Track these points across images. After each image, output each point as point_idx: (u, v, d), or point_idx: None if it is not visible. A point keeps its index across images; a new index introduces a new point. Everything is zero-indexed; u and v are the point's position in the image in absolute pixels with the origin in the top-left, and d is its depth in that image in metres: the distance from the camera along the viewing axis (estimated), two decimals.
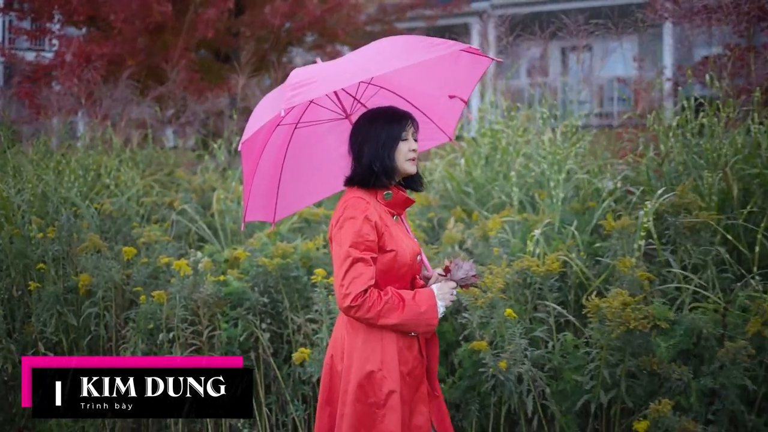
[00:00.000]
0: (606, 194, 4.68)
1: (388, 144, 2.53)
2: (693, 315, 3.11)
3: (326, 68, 2.50)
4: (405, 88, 2.83)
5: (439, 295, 2.51)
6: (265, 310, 4.05)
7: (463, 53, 2.65)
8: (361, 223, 2.44)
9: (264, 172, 2.80)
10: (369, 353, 2.51)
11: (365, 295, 2.39)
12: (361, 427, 2.50)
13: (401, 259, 2.51)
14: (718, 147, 4.50)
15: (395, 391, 2.49)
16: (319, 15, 9.35)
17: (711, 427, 2.88)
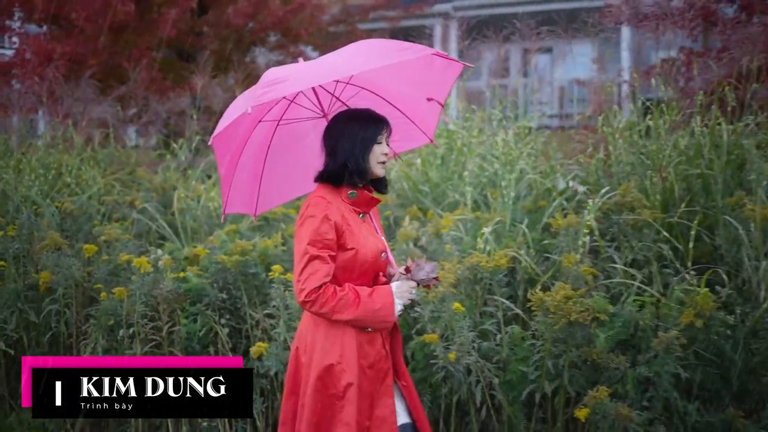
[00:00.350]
0: (556, 194, 4.85)
1: (363, 145, 2.61)
2: (630, 308, 3.28)
3: (300, 68, 2.58)
4: (386, 90, 2.91)
5: (397, 293, 2.59)
6: (224, 306, 4.14)
7: (436, 57, 2.73)
8: (320, 221, 2.52)
9: (245, 167, 2.88)
10: (329, 347, 2.59)
11: (320, 290, 2.47)
12: (320, 417, 2.59)
13: (362, 256, 2.59)
14: (662, 149, 4.70)
15: (353, 383, 2.57)
16: (281, 16, 9.42)
17: (646, 413, 3.04)
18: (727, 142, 4.83)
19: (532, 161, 5.37)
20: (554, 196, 4.79)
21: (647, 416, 3.04)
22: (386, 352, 2.69)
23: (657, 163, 4.76)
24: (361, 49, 2.68)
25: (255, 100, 2.34)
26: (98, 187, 5.41)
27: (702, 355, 3.30)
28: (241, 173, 2.86)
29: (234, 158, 2.79)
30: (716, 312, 3.26)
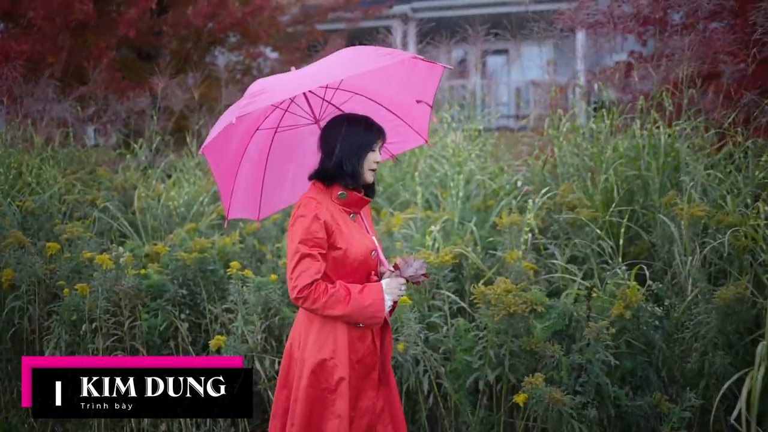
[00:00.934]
0: (503, 194, 5.10)
1: (361, 149, 2.71)
2: (565, 300, 3.52)
3: (286, 77, 2.70)
4: (378, 94, 3.02)
5: (387, 290, 2.69)
6: (184, 301, 4.29)
7: (419, 61, 2.84)
8: (311, 221, 2.62)
9: (247, 173, 3.00)
10: (322, 342, 2.70)
11: (311, 287, 2.58)
12: (313, 410, 2.70)
13: (352, 255, 2.69)
14: (602, 151, 4.97)
15: (345, 378, 2.69)
16: (240, 17, 9.52)
17: (579, 397, 3.28)
18: (664, 145, 5.12)
19: (481, 162, 5.60)
20: (501, 196, 5.02)
21: (580, 400, 3.27)
22: (375, 348, 2.80)
23: (599, 165, 5.04)
24: (347, 55, 2.78)
25: (239, 110, 2.43)
26: (59, 187, 5.50)
27: (633, 344, 3.55)
28: (241, 180, 2.98)
29: (233, 166, 2.91)
30: (645, 304, 3.52)
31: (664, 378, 3.59)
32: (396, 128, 3.03)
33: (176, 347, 4.25)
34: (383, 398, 2.87)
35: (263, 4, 9.65)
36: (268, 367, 3.97)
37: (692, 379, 3.49)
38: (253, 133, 2.91)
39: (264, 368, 3.97)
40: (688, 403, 3.26)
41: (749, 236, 3.62)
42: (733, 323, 3.40)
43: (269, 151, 3.04)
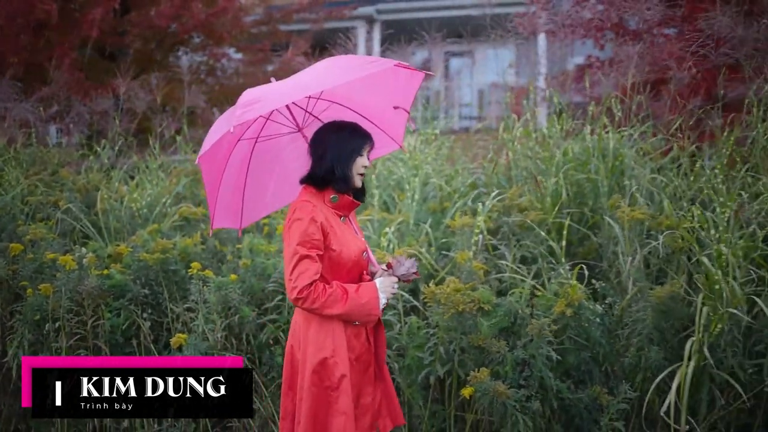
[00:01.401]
0: (458, 196, 5.27)
1: (350, 154, 2.82)
2: (511, 298, 3.71)
3: (273, 88, 2.76)
4: (354, 102, 3.11)
5: (381, 288, 2.79)
6: (146, 301, 4.39)
7: (401, 69, 2.93)
8: (308, 223, 2.69)
9: (229, 184, 3.05)
10: (321, 342, 2.78)
11: (310, 287, 2.65)
12: (318, 408, 2.78)
13: (346, 255, 2.78)
14: (553, 155, 5.18)
15: (346, 375, 2.77)
16: (204, 18, 9.60)
17: (522, 390, 3.47)
18: (612, 149, 5.34)
19: (438, 165, 5.78)
20: (456, 198, 5.20)
21: (524, 393, 3.46)
22: (370, 345, 2.91)
23: (550, 168, 5.24)
24: (331, 65, 2.88)
25: (236, 120, 2.49)
26: (21, 188, 5.55)
27: (576, 340, 3.75)
28: (225, 190, 3.04)
29: (217, 176, 2.97)
30: (587, 302, 3.73)
31: (607, 372, 3.79)
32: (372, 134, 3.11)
33: (138, 345, 4.34)
34: (380, 393, 2.98)
35: (226, 5, 9.74)
36: None
37: (630, 373, 3.70)
38: (235, 144, 2.97)
39: None
40: (624, 395, 3.47)
41: (684, 238, 3.83)
42: (667, 320, 3.61)
43: (249, 160, 3.10)
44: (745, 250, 3.73)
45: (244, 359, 3.96)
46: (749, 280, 3.83)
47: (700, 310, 3.39)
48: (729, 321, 3.48)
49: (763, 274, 3.82)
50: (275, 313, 4.20)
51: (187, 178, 5.50)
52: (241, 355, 4.17)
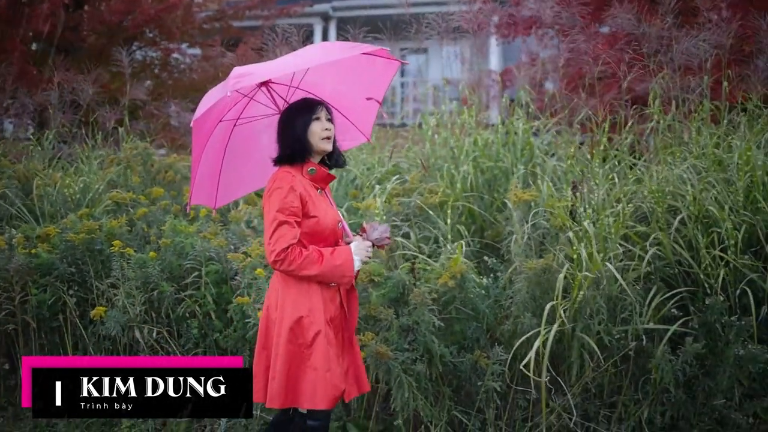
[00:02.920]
0: (375, 182, 5.61)
1: (302, 127, 3.01)
2: (400, 271, 4.05)
3: (262, 66, 3.00)
4: (327, 93, 3.28)
5: (356, 251, 3.00)
6: (73, 278, 4.67)
7: (377, 57, 3.13)
8: (287, 192, 2.89)
9: (208, 162, 3.22)
10: (299, 302, 2.97)
11: (287, 251, 2.86)
12: (291, 364, 2.97)
13: (323, 223, 2.99)
14: (463, 144, 5.55)
15: (321, 330, 2.96)
16: (153, 14, 9.82)
17: (408, 354, 3.81)
18: (522, 139, 5.72)
19: (363, 155, 6.11)
20: (373, 184, 5.54)
21: (409, 356, 3.81)
22: (343, 311, 3.12)
23: (461, 156, 5.61)
24: (309, 50, 3.13)
25: (232, 87, 2.71)
26: None
27: (463, 310, 4.10)
28: (203, 169, 3.20)
29: (198, 155, 3.13)
30: (474, 275, 4.09)
31: (489, 339, 4.15)
32: (340, 127, 3.28)
33: (65, 320, 4.63)
34: (348, 360, 3.15)
35: (176, 2, 9.96)
36: (147, 336, 4.40)
37: (510, 338, 4.05)
38: (216, 124, 3.15)
39: (143, 336, 4.40)
40: (497, 358, 3.83)
41: (560, 217, 4.20)
42: (542, 289, 3.97)
43: (228, 141, 3.27)
44: (616, 227, 4.09)
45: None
46: (625, 255, 4.22)
47: (560, 279, 3.76)
48: (592, 289, 3.85)
49: (635, 249, 4.20)
50: (192, 289, 4.48)
51: (119, 166, 5.76)
52: (160, 327, 4.48)
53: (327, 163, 3.18)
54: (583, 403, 4.08)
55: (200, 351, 4.52)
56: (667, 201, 4.31)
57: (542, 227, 4.57)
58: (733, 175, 4.36)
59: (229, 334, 4.35)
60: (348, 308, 3.17)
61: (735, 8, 7.70)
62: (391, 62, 3.23)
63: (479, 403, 4.04)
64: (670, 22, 5.97)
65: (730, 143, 4.69)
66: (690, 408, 4.00)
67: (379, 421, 4.18)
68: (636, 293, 3.96)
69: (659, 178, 4.46)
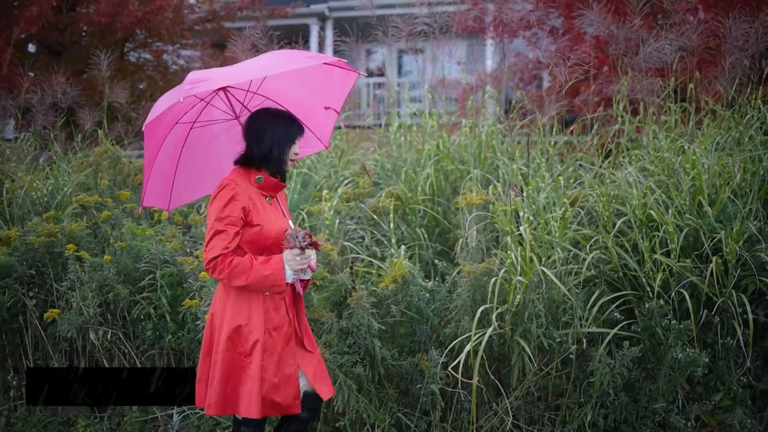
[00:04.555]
0: (340, 184, 5.66)
1: (286, 139, 3.03)
2: (343, 274, 4.10)
3: (219, 71, 3.00)
4: (289, 100, 3.32)
5: (286, 260, 2.98)
6: (33, 280, 4.75)
7: (335, 68, 3.19)
8: (227, 201, 2.92)
9: (162, 164, 3.22)
10: (238, 311, 3.00)
11: (217, 259, 2.90)
12: (230, 372, 3.00)
13: (266, 233, 2.99)
14: (423, 148, 5.59)
15: (259, 340, 2.98)
16: (141, 16, 9.92)
17: (347, 357, 3.86)
18: (483, 143, 5.75)
19: (331, 156, 6.17)
20: (337, 186, 5.59)
21: (350, 359, 3.86)
22: (290, 319, 3.10)
23: (425, 160, 5.65)
24: (270, 57, 3.10)
25: (185, 93, 2.72)
26: None
27: (408, 313, 4.15)
28: (158, 170, 3.22)
29: (152, 155, 3.15)
30: (419, 278, 4.14)
31: (434, 340, 4.19)
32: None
33: (25, 321, 4.71)
34: (307, 361, 3.14)
35: (163, 4, 10.05)
36: (101, 337, 4.48)
37: (451, 342, 4.09)
38: (172, 126, 3.16)
39: (98, 337, 4.47)
40: (436, 360, 3.87)
41: (501, 221, 4.23)
42: (483, 293, 4.01)
43: (183, 144, 3.30)
44: (560, 230, 4.13)
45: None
46: (574, 258, 4.25)
47: (495, 282, 3.80)
48: (531, 293, 3.88)
49: (581, 253, 4.23)
50: (148, 291, 4.55)
51: (89, 168, 5.83)
52: (115, 329, 4.55)
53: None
54: (528, 406, 4.11)
55: (155, 352, 4.59)
56: (613, 205, 4.33)
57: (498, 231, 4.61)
58: (681, 179, 4.38)
59: (183, 336, 4.42)
60: (296, 315, 3.17)
61: (712, 9, 7.71)
62: (350, 73, 3.28)
63: (425, 405, 4.08)
64: (638, 24, 5.98)
65: (681, 147, 4.70)
66: (632, 411, 4.03)
67: (327, 422, 4.24)
68: (577, 297, 3.99)
69: (609, 181, 4.48)
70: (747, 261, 4.06)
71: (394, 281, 3.95)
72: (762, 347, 4.18)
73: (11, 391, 4.76)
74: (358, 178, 5.88)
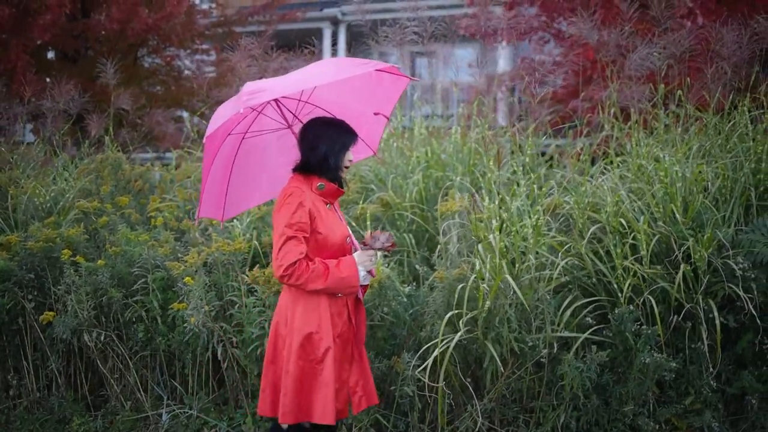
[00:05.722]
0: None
1: (342, 147, 3.10)
2: None
3: (273, 82, 3.07)
4: (337, 106, 3.37)
5: (360, 262, 3.06)
6: (32, 284, 4.94)
7: (385, 74, 3.22)
8: (296, 207, 2.95)
9: (216, 176, 3.28)
10: (308, 318, 3.04)
11: (294, 266, 2.92)
12: (303, 380, 3.04)
13: (331, 239, 3.05)
14: (411, 155, 5.72)
15: (330, 347, 3.04)
16: (152, 23, 10.12)
17: None
18: (473, 149, 5.87)
19: None
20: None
21: None
22: (351, 325, 3.17)
23: (413, 167, 5.78)
24: (321, 66, 3.18)
25: (244, 104, 2.77)
26: None
27: (385, 317, 4.28)
28: (213, 181, 3.27)
29: (208, 167, 3.20)
30: (393, 282, 4.27)
31: (411, 343, 4.32)
32: None
33: (24, 323, 4.91)
34: (357, 372, 3.21)
35: (173, 11, 10.25)
36: (95, 339, 4.66)
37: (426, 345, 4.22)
38: (225, 138, 3.21)
39: (92, 339, 4.65)
40: (408, 362, 4.01)
41: (475, 228, 4.34)
42: (457, 298, 4.13)
43: (236, 154, 3.34)
44: (535, 237, 4.23)
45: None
46: (551, 264, 4.35)
47: (463, 288, 3.92)
48: (502, 298, 4.00)
49: (556, 259, 4.33)
50: (140, 295, 4.72)
51: (90, 175, 6.02)
52: (109, 331, 4.73)
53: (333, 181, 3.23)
54: (502, 408, 4.23)
55: (147, 353, 4.77)
56: (587, 212, 4.43)
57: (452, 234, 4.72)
58: (655, 187, 4.47)
59: (173, 338, 4.59)
60: (356, 322, 3.23)
61: (712, 14, 7.75)
62: (401, 78, 3.33)
63: (403, 407, 4.21)
64: (628, 30, 6.06)
65: (656, 154, 4.78)
66: (603, 414, 4.13)
67: None
68: (547, 302, 4.09)
69: (584, 189, 4.58)
70: (719, 267, 4.14)
71: (370, 286, 4.08)
72: (733, 352, 4.26)
73: (11, 390, 4.96)
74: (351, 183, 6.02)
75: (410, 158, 5.71)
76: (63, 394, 4.88)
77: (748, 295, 3.93)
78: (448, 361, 4.02)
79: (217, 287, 4.59)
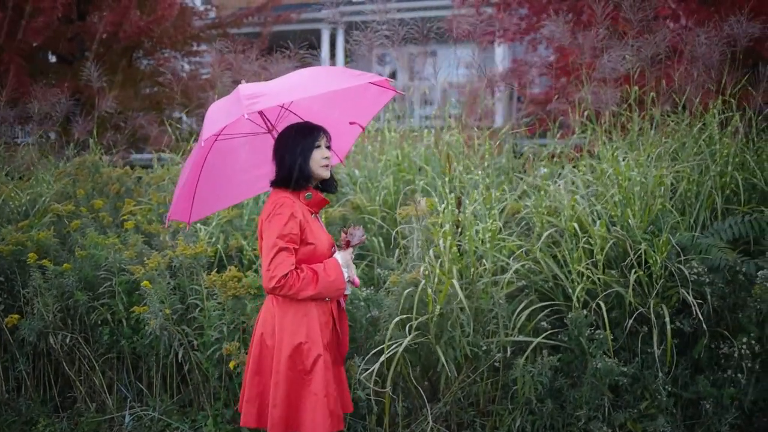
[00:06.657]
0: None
1: (303, 152, 3.03)
2: None
3: (269, 85, 3.03)
4: (313, 115, 3.32)
5: (343, 263, 3.08)
6: (2, 287, 5.00)
7: (372, 86, 3.21)
8: (287, 218, 2.93)
9: (186, 179, 3.23)
10: (296, 329, 3.02)
11: (287, 277, 2.90)
12: (292, 391, 3.02)
13: (320, 250, 3.06)
14: (381, 159, 5.75)
15: (320, 356, 3.03)
16: (144, 26, 10.22)
17: None
18: (445, 153, 5.88)
19: None
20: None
21: None
22: (336, 334, 3.20)
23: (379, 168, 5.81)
24: (315, 73, 3.20)
25: (247, 108, 2.70)
26: None
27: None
28: (182, 184, 3.24)
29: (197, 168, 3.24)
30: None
31: (365, 347, 4.35)
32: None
33: None
34: (337, 379, 3.23)
35: (165, 13, 10.33)
36: (61, 341, 4.71)
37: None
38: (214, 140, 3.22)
39: (57, 341, 4.71)
40: (359, 366, 4.04)
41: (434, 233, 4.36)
42: (409, 302, 4.15)
43: (206, 157, 3.29)
44: (491, 242, 4.25)
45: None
46: (507, 267, 4.37)
47: (413, 292, 3.95)
48: (453, 303, 4.02)
49: (512, 263, 4.35)
50: (106, 297, 4.77)
51: (68, 178, 6.08)
52: (75, 333, 4.78)
53: (320, 188, 3.22)
54: (459, 411, 4.25)
55: (113, 356, 4.82)
56: (544, 217, 4.44)
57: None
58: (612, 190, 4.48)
59: (137, 341, 4.64)
60: (340, 331, 3.25)
61: (693, 15, 7.73)
62: (386, 91, 3.32)
63: (361, 410, 4.24)
64: (603, 32, 6.05)
65: (615, 157, 4.78)
66: (558, 418, 4.14)
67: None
68: (501, 307, 4.11)
69: (543, 192, 4.59)
70: (674, 272, 4.14)
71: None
72: (690, 357, 4.25)
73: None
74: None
75: (380, 162, 5.74)
76: (31, 395, 4.94)
77: (698, 301, 3.93)
78: (402, 365, 4.06)
79: (182, 290, 4.63)
